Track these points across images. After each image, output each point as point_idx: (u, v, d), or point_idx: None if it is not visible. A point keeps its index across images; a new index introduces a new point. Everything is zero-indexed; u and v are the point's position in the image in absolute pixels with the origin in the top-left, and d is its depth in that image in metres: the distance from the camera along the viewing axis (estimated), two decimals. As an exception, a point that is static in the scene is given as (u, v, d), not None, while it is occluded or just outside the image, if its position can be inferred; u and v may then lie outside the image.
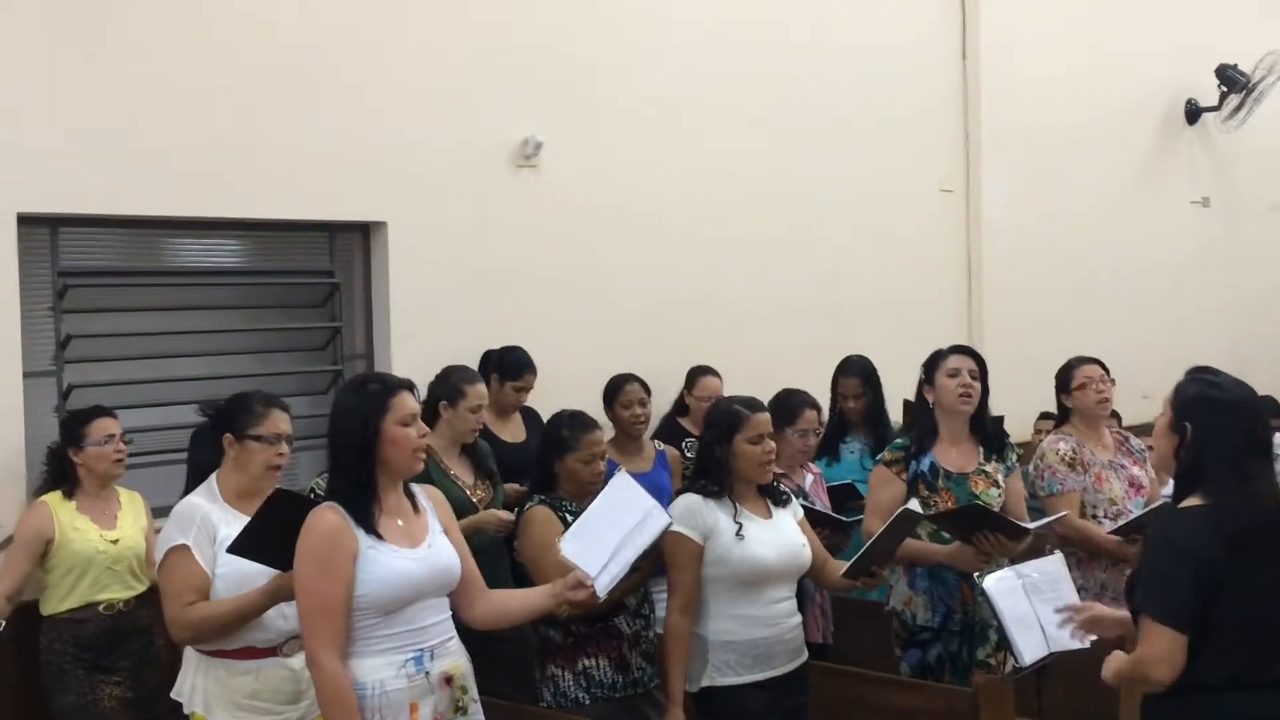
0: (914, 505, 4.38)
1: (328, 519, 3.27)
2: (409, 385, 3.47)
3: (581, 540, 3.68)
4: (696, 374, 6.55)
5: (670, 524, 3.81)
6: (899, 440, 4.94)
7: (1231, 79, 9.92)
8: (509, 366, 5.97)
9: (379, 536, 3.29)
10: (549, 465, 4.48)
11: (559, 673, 4.34)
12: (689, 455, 5.85)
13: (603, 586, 3.58)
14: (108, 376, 5.44)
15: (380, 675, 3.25)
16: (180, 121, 5.43)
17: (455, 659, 3.42)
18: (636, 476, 5.45)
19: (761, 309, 7.47)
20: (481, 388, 5.27)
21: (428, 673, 3.31)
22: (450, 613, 3.45)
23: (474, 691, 3.45)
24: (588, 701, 4.31)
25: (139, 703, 4.80)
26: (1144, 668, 3.21)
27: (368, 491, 3.31)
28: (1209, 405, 3.29)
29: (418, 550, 3.36)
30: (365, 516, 3.29)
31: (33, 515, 4.78)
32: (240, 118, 5.60)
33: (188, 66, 5.47)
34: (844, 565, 4.32)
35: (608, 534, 3.66)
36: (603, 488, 4.61)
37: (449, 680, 3.36)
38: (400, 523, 3.38)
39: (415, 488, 3.52)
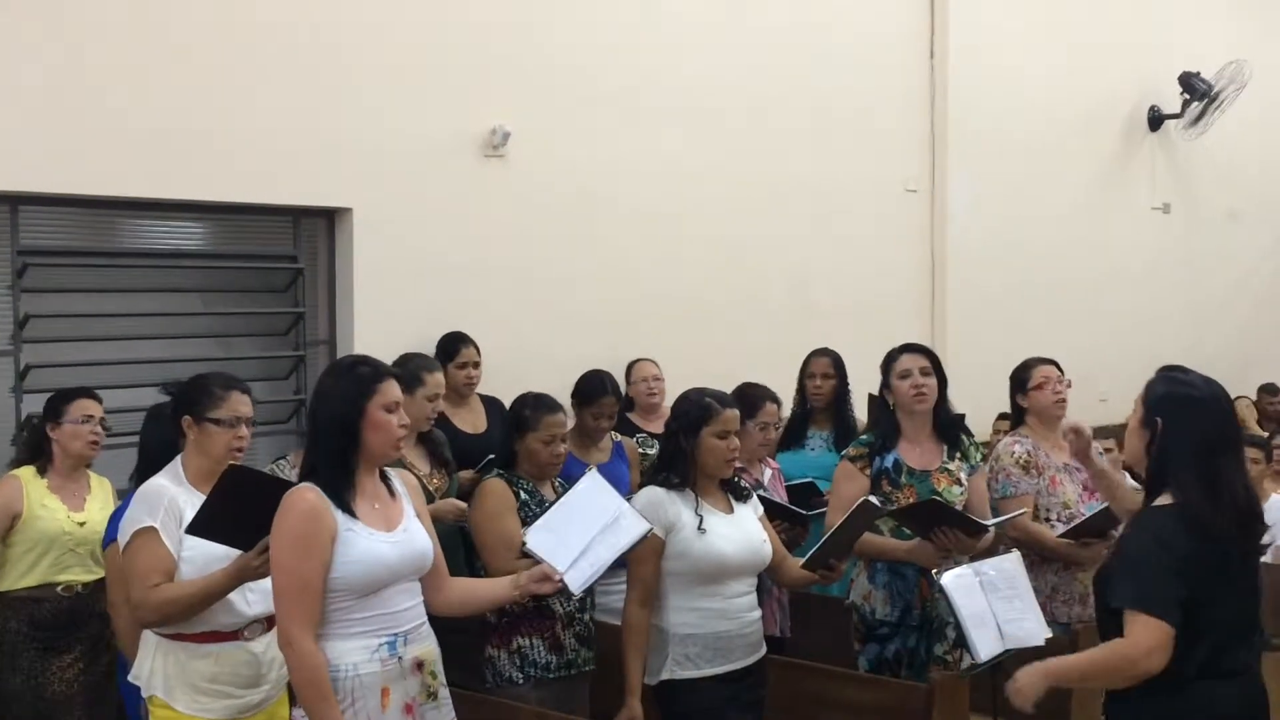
0: (873, 498, 4.40)
1: (307, 499, 3.23)
2: (397, 374, 3.45)
3: (549, 534, 3.66)
4: (631, 364, 6.62)
5: (650, 530, 3.81)
6: (864, 436, 4.98)
7: (1194, 86, 10.03)
8: (444, 349, 5.99)
9: (355, 519, 3.27)
10: (510, 443, 4.53)
11: (495, 653, 4.40)
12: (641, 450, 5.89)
13: (576, 583, 3.59)
14: (66, 357, 5.40)
15: (353, 658, 3.23)
16: (145, 102, 5.39)
17: (427, 644, 3.41)
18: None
19: (725, 305, 7.50)
20: (439, 376, 5.29)
21: (400, 657, 3.30)
22: (422, 598, 3.44)
23: (443, 677, 3.45)
24: (522, 681, 4.36)
25: (89, 687, 4.77)
26: (1135, 659, 3.24)
27: (346, 473, 3.29)
28: (1178, 402, 3.36)
29: (394, 534, 3.34)
30: (343, 498, 3.27)
31: (2, 488, 4.74)
32: (207, 100, 5.56)
33: (154, 47, 5.43)
34: (802, 562, 4.34)
35: (577, 531, 3.65)
36: (568, 486, 4.66)
37: (420, 665, 3.35)
38: (376, 506, 3.35)
39: (390, 472, 3.50)
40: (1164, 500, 3.34)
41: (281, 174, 5.81)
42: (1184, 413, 3.34)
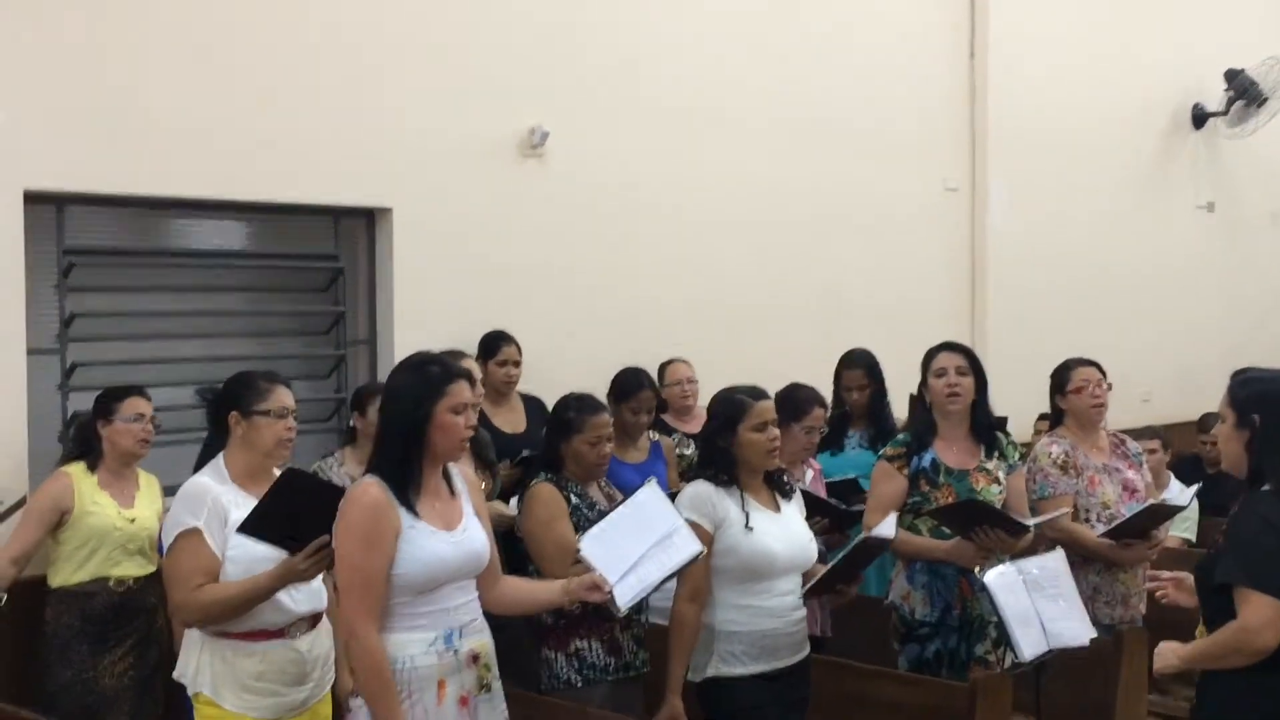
0: (887, 529, 4.32)
1: (372, 493, 3.28)
2: (469, 375, 3.47)
3: (602, 544, 3.69)
4: (664, 365, 6.56)
5: (701, 552, 3.81)
6: (901, 436, 4.96)
7: (1239, 83, 9.91)
8: (486, 347, 5.99)
9: (417, 517, 3.31)
10: (555, 446, 4.51)
11: (552, 655, 4.36)
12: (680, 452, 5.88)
13: (623, 600, 3.61)
14: (111, 355, 5.45)
15: (410, 651, 3.29)
16: (188, 103, 5.43)
17: (481, 637, 3.46)
18: (632, 467, 5.54)
19: (764, 306, 7.47)
20: (469, 361, 5.28)
21: (456, 650, 3.35)
22: (477, 593, 3.48)
23: (496, 670, 3.49)
24: (580, 684, 4.33)
25: (139, 681, 4.80)
26: (1247, 636, 3.30)
27: (411, 471, 3.33)
28: (1269, 397, 3.47)
29: (454, 534, 3.37)
30: (407, 495, 3.31)
31: (53, 484, 4.76)
32: (249, 101, 5.60)
33: (197, 49, 5.47)
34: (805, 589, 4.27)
35: (630, 543, 3.68)
36: (613, 486, 4.67)
37: (475, 659, 3.40)
38: (437, 505, 3.39)
39: (452, 469, 3.53)
40: (1266, 488, 3.41)
41: (322, 174, 5.84)
42: (1277, 404, 3.45)
